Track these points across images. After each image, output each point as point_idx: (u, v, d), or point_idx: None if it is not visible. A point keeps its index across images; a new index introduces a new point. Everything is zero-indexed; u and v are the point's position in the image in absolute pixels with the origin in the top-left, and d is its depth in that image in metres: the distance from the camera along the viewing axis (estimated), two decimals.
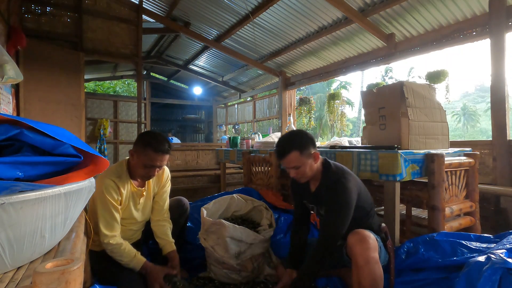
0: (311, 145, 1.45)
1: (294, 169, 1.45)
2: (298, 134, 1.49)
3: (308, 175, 1.48)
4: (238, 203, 2.01)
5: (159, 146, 1.54)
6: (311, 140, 1.47)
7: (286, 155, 1.43)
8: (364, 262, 1.26)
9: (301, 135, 1.48)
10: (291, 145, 1.43)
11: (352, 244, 1.31)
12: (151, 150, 1.52)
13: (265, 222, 1.86)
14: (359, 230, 1.35)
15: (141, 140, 1.58)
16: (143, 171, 1.57)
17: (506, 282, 1.06)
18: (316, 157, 1.47)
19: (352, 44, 4.15)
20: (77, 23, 3.77)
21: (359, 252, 1.28)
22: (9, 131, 0.69)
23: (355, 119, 26.76)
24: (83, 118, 3.76)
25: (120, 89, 15.46)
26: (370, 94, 2.05)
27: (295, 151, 1.41)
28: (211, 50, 5.79)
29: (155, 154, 1.53)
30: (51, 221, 0.62)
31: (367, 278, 1.26)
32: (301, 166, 1.43)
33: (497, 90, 2.64)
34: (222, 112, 8.89)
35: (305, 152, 1.42)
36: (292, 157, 1.42)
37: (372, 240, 1.31)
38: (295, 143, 1.43)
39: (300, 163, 1.42)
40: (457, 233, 1.55)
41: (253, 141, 3.40)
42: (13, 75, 1.97)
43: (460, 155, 2.00)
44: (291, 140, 1.45)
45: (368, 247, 1.28)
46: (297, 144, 1.42)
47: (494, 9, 2.73)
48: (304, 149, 1.42)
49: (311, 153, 1.44)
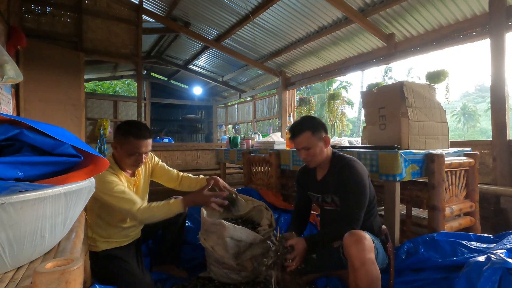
0: (322, 129, 1.53)
1: (305, 149, 1.51)
2: (311, 117, 1.58)
3: (317, 159, 1.53)
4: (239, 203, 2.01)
5: (140, 132, 1.55)
6: (322, 125, 1.55)
7: (299, 135, 1.51)
8: (360, 263, 1.26)
9: (313, 118, 1.57)
10: (304, 125, 1.51)
11: (348, 245, 1.31)
12: (133, 138, 1.54)
13: (265, 222, 1.86)
14: (355, 231, 1.35)
15: (121, 130, 1.58)
16: (131, 160, 1.58)
17: (506, 282, 1.05)
18: (327, 141, 1.52)
19: (352, 44, 4.15)
20: (77, 23, 3.77)
21: (355, 253, 1.28)
22: (9, 131, 0.69)
23: (355, 119, 26.77)
24: (83, 118, 3.76)
25: (120, 89, 15.47)
26: (370, 94, 2.05)
27: (307, 131, 1.49)
28: (211, 50, 5.79)
29: (137, 141, 1.54)
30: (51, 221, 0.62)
31: (364, 279, 1.25)
32: (311, 148, 1.49)
33: (497, 90, 2.64)
34: (222, 112, 8.89)
35: (316, 133, 1.49)
36: (304, 137, 1.50)
37: (367, 241, 1.31)
38: (307, 124, 1.51)
39: (311, 144, 1.49)
40: (457, 233, 1.55)
41: (253, 141, 3.40)
42: (13, 75, 1.97)
43: (460, 155, 2.00)
44: (304, 121, 1.54)
45: (364, 248, 1.28)
46: (309, 125, 1.51)
47: (494, 9, 2.73)
48: (316, 130, 1.50)
49: (322, 137, 1.51)
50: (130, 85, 15.53)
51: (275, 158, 2.64)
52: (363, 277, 1.25)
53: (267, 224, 1.84)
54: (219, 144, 5.55)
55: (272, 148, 2.87)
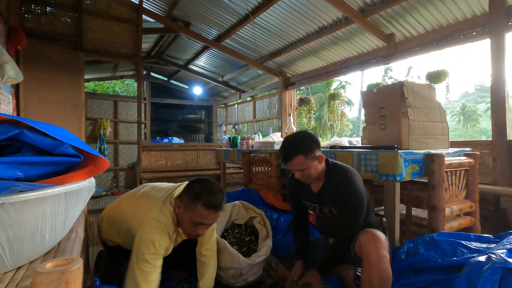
0: (315, 147, 1.47)
1: (300, 171, 1.47)
2: (303, 137, 1.48)
3: (313, 177, 1.50)
4: (239, 211, 2.02)
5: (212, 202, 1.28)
6: (315, 142, 1.48)
7: (291, 159, 1.45)
8: (377, 260, 1.30)
9: (305, 138, 1.47)
10: (296, 149, 1.44)
11: (365, 243, 1.35)
12: (202, 206, 1.28)
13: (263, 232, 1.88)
14: (369, 230, 1.40)
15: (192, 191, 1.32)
16: (190, 229, 1.33)
17: (506, 282, 1.05)
18: (321, 159, 1.49)
19: (352, 44, 4.15)
20: (77, 23, 3.77)
21: (372, 251, 1.31)
22: (9, 131, 0.69)
23: (355, 119, 26.77)
24: (83, 118, 3.76)
25: (120, 89, 15.48)
26: (370, 94, 2.05)
27: (300, 155, 1.43)
28: (211, 50, 5.79)
29: (207, 211, 1.28)
30: (51, 221, 0.62)
31: (378, 276, 1.29)
32: (306, 169, 1.45)
33: (497, 90, 2.64)
34: (222, 112, 8.89)
35: (310, 155, 1.44)
36: (297, 161, 1.44)
37: (383, 239, 1.36)
38: (300, 147, 1.44)
39: (305, 166, 1.44)
40: (457, 233, 1.55)
41: (253, 141, 3.40)
42: (13, 75, 1.97)
43: (460, 155, 2.00)
44: (295, 144, 1.46)
45: (381, 245, 1.32)
46: (302, 148, 1.43)
47: (494, 9, 2.73)
48: (309, 152, 1.44)
49: (316, 156, 1.46)
50: (129, 85, 15.53)
51: (275, 158, 2.64)
52: (378, 274, 1.29)
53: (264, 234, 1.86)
54: (219, 144, 5.55)
55: (272, 148, 2.87)
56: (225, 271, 1.65)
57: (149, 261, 1.24)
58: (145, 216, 1.34)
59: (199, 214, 1.28)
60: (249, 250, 1.82)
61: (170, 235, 1.33)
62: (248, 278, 1.68)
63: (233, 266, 1.63)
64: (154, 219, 1.32)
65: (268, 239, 1.81)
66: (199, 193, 1.30)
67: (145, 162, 4.65)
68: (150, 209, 1.38)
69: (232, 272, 1.65)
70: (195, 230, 1.33)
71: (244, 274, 1.66)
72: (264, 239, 1.83)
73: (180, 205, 1.34)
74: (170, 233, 1.33)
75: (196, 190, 1.31)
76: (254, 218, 1.98)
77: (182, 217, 1.34)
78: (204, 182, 1.35)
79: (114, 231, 1.60)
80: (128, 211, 1.50)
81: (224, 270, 1.65)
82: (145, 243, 1.25)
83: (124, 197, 1.67)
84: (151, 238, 1.26)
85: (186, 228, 1.34)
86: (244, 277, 1.67)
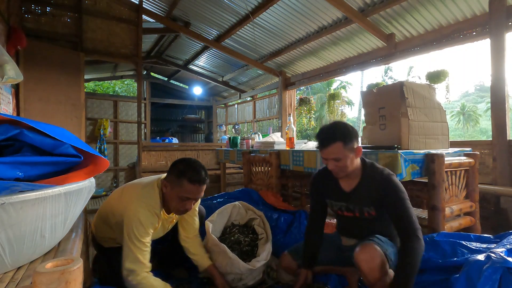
0: (354, 138, 1.37)
1: (334, 161, 1.36)
2: (343, 125, 1.40)
3: (348, 170, 1.39)
4: (239, 212, 2.01)
5: (196, 176, 1.40)
6: (355, 133, 1.39)
7: (329, 145, 1.35)
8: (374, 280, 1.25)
9: (346, 126, 1.40)
10: (335, 135, 1.35)
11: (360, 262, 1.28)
12: (187, 181, 1.39)
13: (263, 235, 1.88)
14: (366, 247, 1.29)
15: (175, 169, 1.43)
16: (178, 205, 1.43)
17: (506, 281, 1.05)
18: (359, 151, 1.39)
19: (352, 44, 4.15)
20: (77, 23, 3.77)
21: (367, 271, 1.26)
22: (9, 131, 0.69)
23: (355, 119, 26.77)
24: (83, 118, 3.76)
25: (120, 89, 15.48)
26: (370, 94, 2.05)
27: (339, 142, 1.33)
28: (211, 50, 5.79)
29: (191, 185, 1.39)
30: (51, 221, 0.62)
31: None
32: (342, 159, 1.35)
33: (497, 90, 2.64)
34: (222, 112, 8.89)
35: (348, 144, 1.34)
36: (334, 148, 1.34)
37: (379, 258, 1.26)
38: (339, 133, 1.35)
39: (341, 155, 1.34)
40: (457, 233, 1.55)
41: (253, 141, 3.40)
42: (13, 75, 1.97)
43: (460, 155, 2.00)
44: (335, 130, 1.37)
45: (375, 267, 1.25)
46: (341, 134, 1.34)
47: (494, 9, 2.73)
48: (348, 141, 1.34)
49: (354, 147, 1.37)
50: (129, 85, 15.53)
51: (275, 158, 2.64)
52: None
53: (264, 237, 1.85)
54: (219, 144, 5.55)
55: (272, 148, 2.87)
56: (225, 275, 1.65)
57: (140, 239, 1.36)
58: (130, 200, 1.44)
59: (185, 190, 1.39)
60: (249, 252, 1.81)
61: (157, 214, 1.44)
62: (248, 283, 1.68)
63: (233, 271, 1.62)
64: (139, 200, 1.42)
65: (268, 243, 1.80)
66: (183, 170, 1.40)
67: (145, 162, 4.66)
68: (135, 193, 1.47)
69: (231, 277, 1.64)
70: (183, 206, 1.43)
71: (243, 279, 1.66)
72: (264, 243, 1.82)
73: (167, 184, 1.44)
74: (156, 212, 1.43)
75: (180, 168, 1.42)
76: (254, 219, 1.98)
77: (170, 195, 1.43)
78: (186, 161, 1.46)
79: (106, 227, 1.62)
80: (114, 202, 1.58)
81: (224, 274, 1.65)
82: (134, 222, 1.36)
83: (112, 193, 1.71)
84: (139, 217, 1.36)
85: (175, 205, 1.44)
86: (244, 282, 1.66)
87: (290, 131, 2.73)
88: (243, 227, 1.96)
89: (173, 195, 1.42)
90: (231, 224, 1.99)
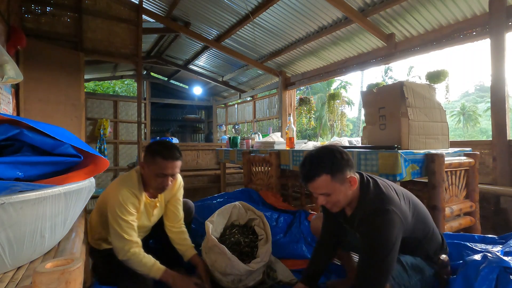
0: (346, 167, 1.15)
1: (324, 196, 1.17)
2: (330, 152, 1.17)
3: (341, 204, 1.20)
4: (239, 212, 2.01)
5: (168, 153, 1.49)
6: (345, 161, 1.16)
7: (313, 180, 1.15)
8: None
9: (333, 153, 1.16)
10: (319, 166, 1.14)
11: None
12: (161, 158, 1.48)
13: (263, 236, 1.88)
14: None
15: (150, 149, 1.53)
16: (156, 182, 1.51)
17: (503, 280, 1.06)
18: (353, 182, 1.17)
19: (352, 44, 4.15)
20: (77, 23, 3.77)
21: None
22: (9, 131, 0.69)
23: (355, 119, 26.78)
24: (83, 118, 3.76)
25: (120, 89, 15.48)
26: (370, 94, 2.05)
27: (325, 175, 1.13)
28: (211, 50, 5.79)
29: (165, 161, 1.48)
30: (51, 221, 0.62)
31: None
32: (332, 194, 1.15)
33: (497, 90, 2.64)
34: (222, 112, 8.89)
35: (337, 175, 1.14)
36: (320, 182, 1.14)
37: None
38: (324, 164, 1.14)
39: (330, 189, 1.14)
40: (461, 234, 1.55)
41: (253, 141, 3.40)
42: (13, 75, 1.97)
43: (460, 155, 2.00)
44: (320, 160, 1.15)
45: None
46: (327, 165, 1.13)
47: (494, 9, 2.73)
48: (337, 172, 1.13)
49: (346, 178, 1.15)
50: (129, 85, 15.53)
51: (275, 158, 2.64)
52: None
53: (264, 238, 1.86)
54: (219, 144, 5.55)
55: (272, 148, 2.87)
56: (225, 276, 1.65)
57: (123, 217, 1.44)
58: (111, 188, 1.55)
59: (160, 166, 1.48)
60: (249, 253, 1.80)
61: (136, 195, 1.52)
62: (248, 284, 1.68)
63: (233, 272, 1.62)
64: (119, 184, 1.52)
65: (268, 244, 1.79)
66: (157, 149, 1.51)
67: None
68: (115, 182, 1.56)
69: (231, 278, 1.64)
70: (161, 183, 1.51)
71: (243, 280, 1.66)
72: (264, 244, 1.82)
73: (144, 165, 1.54)
74: (135, 192, 1.52)
75: (153, 148, 1.52)
76: (254, 220, 1.97)
77: (148, 174, 1.52)
78: (159, 142, 1.58)
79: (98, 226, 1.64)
80: (101, 196, 1.66)
81: (224, 275, 1.65)
82: (115, 204, 1.44)
83: None
84: (118, 198, 1.45)
85: (154, 183, 1.52)
86: (244, 283, 1.66)
87: (290, 131, 2.73)
88: (243, 228, 1.96)
89: (151, 174, 1.51)
90: (231, 225, 1.99)
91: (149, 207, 1.64)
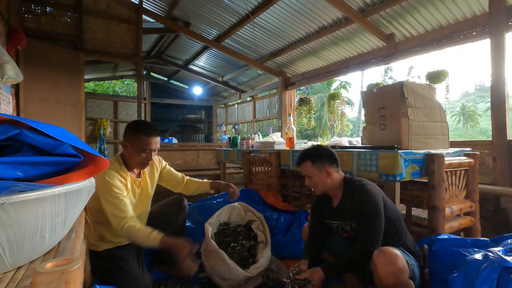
0: (325, 159, 1.51)
1: (307, 178, 1.55)
2: (318, 148, 1.59)
3: (320, 188, 1.54)
4: (239, 213, 2.00)
5: (149, 130, 1.63)
6: (328, 155, 1.53)
7: (300, 164, 1.57)
8: (388, 286, 1.18)
9: (318, 149, 1.58)
10: (306, 155, 1.55)
11: (378, 265, 1.20)
12: (144, 135, 1.61)
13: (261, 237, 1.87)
14: (385, 249, 1.24)
15: (131, 128, 1.65)
16: (140, 158, 1.64)
17: (504, 280, 1.05)
18: (329, 172, 1.50)
19: (352, 44, 4.15)
20: (77, 23, 3.77)
21: (384, 276, 1.18)
22: (9, 131, 0.69)
23: (355, 119, 26.79)
24: (83, 118, 3.76)
25: (120, 89, 15.47)
26: (370, 94, 2.05)
27: (308, 161, 1.52)
28: (211, 50, 5.79)
29: (148, 138, 1.62)
30: (51, 221, 0.62)
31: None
32: (312, 177, 1.52)
33: (497, 90, 2.64)
34: (222, 112, 8.89)
35: (317, 164, 1.51)
36: (304, 166, 1.54)
37: (400, 262, 1.20)
38: (309, 154, 1.54)
39: (311, 173, 1.52)
40: (454, 238, 1.53)
41: (253, 141, 3.40)
42: (13, 75, 1.97)
43: (460, 155, 2.00)
44: (308, 151, 1.57)
45: (395, 271, 1.18)
46: (311, 155, 1.53)
47: (494, 9, 2.73)
48: (317, 161, 1.51)
49: (324, 167, 1.50)
50: (129, 85, 15.53)
51: (275, 158, 2.64)
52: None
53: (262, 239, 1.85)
54: (219, 144, 5.54)
55: (272, 148, 2.87)
56: (224, 280, 1.64)
57: (113, 194, 1.52)
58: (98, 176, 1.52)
59: (143, 143, 1.61)
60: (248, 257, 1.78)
61: (121, 174, 1.63)
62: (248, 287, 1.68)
63: (231, 277, 1.61)
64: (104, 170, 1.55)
65: (267, 248, 1.77)
66: (137, 127, 1.63)
67: None
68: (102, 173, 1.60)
69: (230, 283, 1.64)
70: (145, 158, 1.64)
71: (242, 285, 1.65)
72: (263, 248, 1.80)
73: (126, 143, 1.65)
74: (119, 171, 1.62)
75: (134, 127, 1.65)
76: (253, 222, 1.96)
77: (131, 152, 1.64)
78: (138, 121, 1.72)
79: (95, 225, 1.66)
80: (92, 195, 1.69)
81: (223, 279, 1.65)
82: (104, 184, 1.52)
83: None
84: (105, 178, 1.53)
85: (137, 159, 1.64)
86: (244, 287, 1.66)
87: (290, 131, 2.73)
88: (242, 228, 1.95)
89: (134, 151, 1.63)
90: (231, 225, 1.98)
91: (134, 185, 1.73)
